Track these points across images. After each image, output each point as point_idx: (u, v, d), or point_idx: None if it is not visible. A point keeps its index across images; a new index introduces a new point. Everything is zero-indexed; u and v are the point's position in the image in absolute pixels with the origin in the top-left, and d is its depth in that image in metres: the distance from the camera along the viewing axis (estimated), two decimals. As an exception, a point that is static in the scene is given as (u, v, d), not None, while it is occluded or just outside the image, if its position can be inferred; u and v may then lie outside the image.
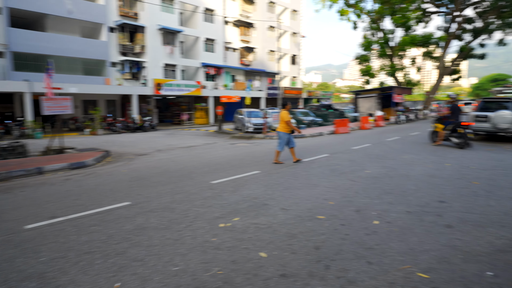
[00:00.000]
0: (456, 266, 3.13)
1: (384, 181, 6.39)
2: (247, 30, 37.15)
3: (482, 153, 9.76)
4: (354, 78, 47.34)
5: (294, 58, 44.46)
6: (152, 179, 7.20)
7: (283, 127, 8.52)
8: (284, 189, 5.98)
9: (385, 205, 4.94)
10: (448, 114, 11.32)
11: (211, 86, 32.29)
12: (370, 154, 9.79)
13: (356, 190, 5.78)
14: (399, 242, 3.65)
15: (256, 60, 38.37)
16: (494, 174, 6.88)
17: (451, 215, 4.46)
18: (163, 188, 6.27)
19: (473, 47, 31.98)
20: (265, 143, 14.13)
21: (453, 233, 3.90)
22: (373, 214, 4.56)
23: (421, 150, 10.56)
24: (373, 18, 31.51)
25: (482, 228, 4.04)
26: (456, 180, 6.36)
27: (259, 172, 7.50)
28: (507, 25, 28.97)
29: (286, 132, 8.50)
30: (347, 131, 18.20)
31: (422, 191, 5.67)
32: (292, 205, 5.02)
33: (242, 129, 20.74)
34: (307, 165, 8.29)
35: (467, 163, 8.16)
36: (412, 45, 29.54)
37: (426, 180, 6.46)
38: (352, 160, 8.89)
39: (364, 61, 31.84)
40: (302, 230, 4.06)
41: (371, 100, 26.62)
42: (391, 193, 5.58)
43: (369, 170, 7.45)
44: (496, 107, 12.56)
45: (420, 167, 7.75)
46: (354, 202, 5.12)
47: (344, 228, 4.07)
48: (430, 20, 33.67)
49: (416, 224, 4.17)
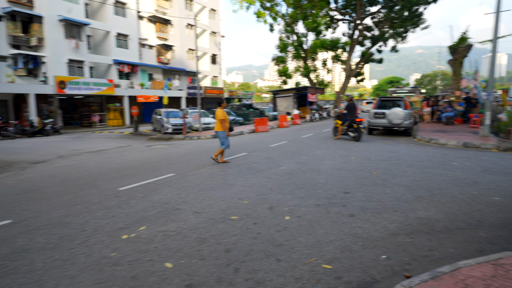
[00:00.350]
0: (356, 253, 3.32)
1: (297, 177, 6.63)
2: (164, 27, 35.60)
3: (381, 146, 10.96)
4: (274, 78, 49.37)
5: (214, 58, 44.24)
6: (47, 190, 6.22)
7: (220, 126, 8.27)
8: (198, 191, 5.74)
9: (297, 200, 5.09)
10: (345, 111, 12.82)
11: (125, 85, 30.03)
12: (286, 151, 10.16)
13: (270, 187, 5.85)
14: (307, 236, 3.74)
15: (175, 59, 37.08)
16: (389, 164, 7.73)
17: (354, 205, 4.79)
18: (58, 200, 5.44)
19: (373, 52, 36.11)
20: (184, 144, 13.62)
21: (355, 221, 4.17)
22: (285, 210, 4.64)
23: (331, 145, 11.38)
24: (287, 22, 33.16)
25: (379, 214, 4.41)
26: (359, 172, 6.95)
27: (173, 175, 7.10)
28: (398, 34, 33.42)
29: (224, 130, 8.28)
30: (266, 130, 18.73)
31: (330, 184, 6.02)
32: (205, 208, 4.81)
33: (161, 130, 19.75)
34: (225, 165, 8.17)
35: (368, 155, 9.04)
36: (322, 49, 31.96)
37: (334, 173, 6.90)
38: (269, 157, 9.08)
39: (280, 62, 33.30)
40: (214, 233, 3.88)
41: (289, 99, 27.96)
42: (303, 187, 5.79)
43: (284, 167, 7.67)
44: (391, 105, 14.29)
45: (330, 161, 8.30)
46: (268, 199, 5.16)
47: (256, 227, 4.03)
48: (337, 26, 36.91)
49: (323, 216, 4.35)
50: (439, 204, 4.78)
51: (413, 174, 6.64)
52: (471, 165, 7.40)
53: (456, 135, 12.36)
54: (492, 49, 11.94)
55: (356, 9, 32.17)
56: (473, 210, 4.50)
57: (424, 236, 3.71)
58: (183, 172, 7.37)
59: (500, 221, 4.11)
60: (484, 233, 3.74)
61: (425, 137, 12.13)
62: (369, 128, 14.46)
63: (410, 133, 13.70)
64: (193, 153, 10.52)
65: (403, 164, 7.71)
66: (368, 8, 33.70)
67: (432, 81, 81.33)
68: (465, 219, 4.18)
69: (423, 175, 6.54)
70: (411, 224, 4.06)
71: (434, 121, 19.13)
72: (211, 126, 20.69)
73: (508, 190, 5.37)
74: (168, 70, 36.23)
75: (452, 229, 3.89)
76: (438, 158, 8.41)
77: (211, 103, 42.59)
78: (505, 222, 4.05)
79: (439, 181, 6.05)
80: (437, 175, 6.48)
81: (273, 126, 20.91)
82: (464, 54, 20.15)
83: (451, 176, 6.41)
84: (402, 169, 7.16)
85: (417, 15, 31.50)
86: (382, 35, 33.53)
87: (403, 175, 6.54)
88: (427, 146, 10.66)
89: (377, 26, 34.63)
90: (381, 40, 34.07)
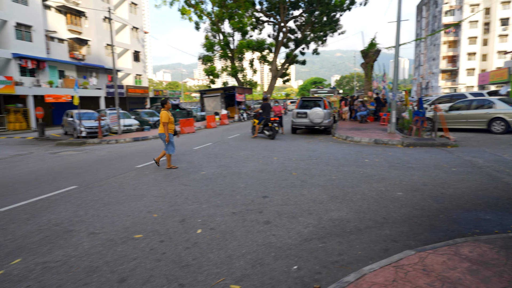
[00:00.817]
0: (268, 266, 3.12)
1: (216, 182, 6.31)
2: (77, 19, 32.14)
3: (303, 145, 11.28)
4: (203, 78, 48.66)
5: (137, 55, 41.56)
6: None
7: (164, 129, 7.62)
8: (101, 206, 5.02)
9: (212, 208, 4.76)
10: (261, 111, 13.39)
11: (30, 83, 26.29)
12: (210, 154, 9.78)
13: (186, 196, 5.42)
14: (219, 251, 3.44)
15: (92, 55, 33.78)
16: (309, 164, 7.91)
17: (270, 210, 4.65)
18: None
19: (297, 54, 37.78)
20: (98, 149, 12.28)
21: (270, 229, 4.00)
22: (198, 221, 4.27)
23: (256, 146, 11.35)
24: (213, 20, 32.70)
25: (294, 218, 4.33)
26: (280, 173, 6.93)
27: (75, 188, 6.18)
28: (318, 38, 35.52)
29: (170, 133, 7.72)
30: (193, 131, 18.08)
31: (249, 188, 5.84)
32: (106, 226, 4.18)
33: (74, 133, 17.68)
34: (139, 172, 7.45)
35: (291, 155, 9.17)
36: (248, 49, 32.28)
37: (255, 176, 6.76)
38: (190, 161, 8.60)
39: (207, 61, 32.72)
40: (110, 258, 3.33)
41: (216, 99, 27.57)
42: (221, 194, 5.49)
43: (205, 171, 7.29)
44: (312, 105, 14.92)
45: (253, 163, 8.17)
46: (181, 210, 4.73)
47: (162, 246, 3.58)
48: (263, 27, 37.73)
49: (238, 226, 4.10)
50: (351, 203, 4.92)
51: (330, 173, 6.85)
52: (380, 161, 7.97)
53: (368, 133, 13.41)
54: (395, 54, 13.22)
55: (280, 12, 33.24)
56: (380, 207, 4.72)
57: (335, 239, 3.69)
58: (88, 184, 6.48)
59: (402, 216, 4.35)
60: (388, 231, 3.89)
61: (342, 135, 12.90)
62: (292, 127, 14.89)
63: (329, 131, 14.47)
64: (105, 160, 9.46)
65: (321, 163, 7.95)
66: (291, 11, 35.11)
67: (350, 82, 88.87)
68: (372, 217, 4.32)
69: (338, 173, 6.79)
70: (324, 226, 4.05)
71: (351, 120, 20.68)
72: (133, 128, 19.24)
73: (409, 185, 5.82)
74: (83, 67, 32.84)
75: (361, 228, 3.98)
76: (352, 155, 8.91)
77: (135, 103, 39.91)
78: (406, 217, 4.30)
79: (352, 179, 6.32)
80: (351, 173, 6.78)
81: (200, 127, 20.33)
82: (374, 58, 22.18)
83: (363, 173, 6.77)
84: (320, 168, 7.35)
85: (334, 21, 33.86)
86: (304, 38, 35.24)
87: (321, 175, 6.70)
88: (343, 144, 11.31)
89: (299, 29, 36.30)
90: (303, 43, 35.79)
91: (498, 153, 8.54)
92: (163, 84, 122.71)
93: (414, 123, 12.21)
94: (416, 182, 5.95)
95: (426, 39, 70.13)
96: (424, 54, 72.08)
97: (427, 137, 11.70)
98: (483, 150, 9.09)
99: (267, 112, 13.25)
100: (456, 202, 4.83)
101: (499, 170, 6.68)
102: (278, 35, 35.80)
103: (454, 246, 3.09)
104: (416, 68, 78.91)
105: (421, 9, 73.84)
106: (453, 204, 4.73)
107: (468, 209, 4.51)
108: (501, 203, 4.72)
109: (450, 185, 5.69)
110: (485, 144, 10.11)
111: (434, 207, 4.66)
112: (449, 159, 8.01)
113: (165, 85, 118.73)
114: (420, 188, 5.56)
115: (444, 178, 6.17)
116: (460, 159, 8.03)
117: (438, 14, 61.84)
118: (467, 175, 6.36)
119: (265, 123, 13.11)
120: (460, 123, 13.36)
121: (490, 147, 9.61)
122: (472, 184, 5.71)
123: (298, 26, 36.36)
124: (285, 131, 15.91)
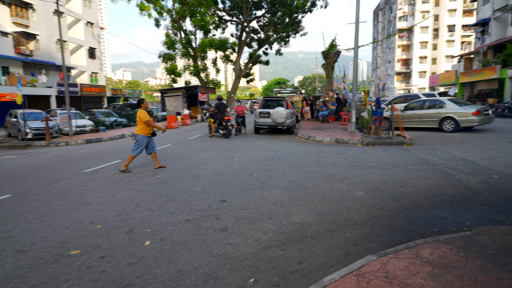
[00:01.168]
0: (222, 281, 2.82)
1: (172, 186, 5.88)
2: (24, 11, 29.62)
3: (265, 145, 11.11)
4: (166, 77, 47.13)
5: (93, 52, 39.28)
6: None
7: (142, 129, 7.30)
8: (36, 217, 4.42)
9: (165, 216, 4.36)
10: (216, 110, 13.63)
11: (-34, 80, 23.72)
12: (168, 156, 9.27)
13: (137, 203, 4.96)
14: (167, 266, 3.08)
15: (41, 50, 31.31)
16: (271, 164, 7.71)
17: (228, 216, 4.35)
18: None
19: (260, 54, 37.77)
20: (44, 152, 11.21)
21: (227, 237, 3.70)
22: (147, 232, 3.86)
23: (217, 146, 10.98)
24: (174, 18, 31.68)
25: (254, 224, 4.07)
26: (240, 175, 6.65)
27: (7, 197, 5.44)
28: (281, 38, 35.78)
29: (145, 134, 7.32)
30: (152, 132, 17.24)
31: (207, 191, 5.49)
32: (37, 242, 3.64)
33: (18, 135, 16.16)
34: (88, 177, 6.81)
35: (252, 156, 8.93)
36: (211, 48, 31.64)
37: (214, 178, 6.42)
38: (145, 164, 8.05)
39: (168, 59, 31.61)
40: (36, 282, 2.84)
41: (178, 98, 26.73)
42: (176, 199, 5.10)
43: (160, 175, 6.82)
44: (275, 104, 14.82)
45: (212, 165, 7.82)
46: (130, 219, 4.28)
47: (102, 263, 3.14)
48: (226, 27, 37.28)
49: (192, 235, 3.76)
50: (312, 204, 4.76)
51: (291, 173, 6.69)
52: (341, 161, 7.98)
53: (330, 132, 13.57)
54: (354, 55, 13.50)
55: (243, 12, 33.01)
56: (341, 208, 4.60)
57: (296, 245, 3.48)
58: (24, 192, 5.76)
59: (363, 217, 4.26)
60: (350, 233, 3.75)
61: (304, 134, 12.92)
62: (255, 127, 14.71)
63: (292, 131, 14.46)
64: (50, 164, 8.60)
65: (283, 163, 7.79)
66: (254, 11, 35.02)
67: (312, 83, 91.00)
68: (334, 219, 4.18)
69: (300, 174, 6.65)
70: (285, 232, 3.83)
71: (313, 119, 20.96)
72: (86, 129, 17.98)
73: (369, 184, 5.80)
74: (31, 63, 30.33)
75: (322, 232, 3.81)
76: (314, 155, 8.86)
77: (91, 102, 37.69)
78: (367, 218, 4.20)
79: (314, 179, 6.20)
80: (312, 173, 6.67)
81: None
82: (335, 59, 22.68)
83: (324, 173, 6.69)
84: (282, 169, 7.18)
85: (296, 22, 34.28)
86: (267, 38, 35.32)
87: (282, 176, 6.51)
88: (306, 144, 11.30)
89: (262, 30, 36.34)
90: (266, 43, 35.86)
91: (449, 151, 8.93)
92: (123, 83, 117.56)
93: (373, 122, 12.53)
94: (376, 181, 5.95)
95: (382, 43, 73.72)
96: (380, 57, 75.72)
97: (385, 136, 12.05)
98: (436, 148, 9.46)
99: (222, 111, 13.50)
100: (414, 200, 4.85)
101: (451, 167, 6.92)
102: (241, 34, 35.56)
103: (415, 249, 2.99)
104: (374, 70, 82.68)
105: (378, 14, 77.50)
106: (411, 203, 4.74)
107: (426, 208, 4.53)
108: (455, 200, 4.80)
109: (408, 184, 5.76)
110: (438, 142, 10.57)
111: (393, 206, 4.63)
112: (406, 157, 8.22)
113: (125, 84, 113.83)
114: (380, 187, 5.56)
115: (402, 177, 6.25)
116: (415, 157, 8.26)
117: (393, 19, 65.22)
118: (423, 173, 6.50)
119: (220, 122, 13.43)
120: (414, 122, 13.95)
121: (442, 145, 10.06)
122: (428, 182, 5.82)
123: (261, 27, 36.40)
124: (248, 131, 15.69)
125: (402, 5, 62.28)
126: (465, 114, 12.47)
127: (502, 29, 28.13)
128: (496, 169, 6.66)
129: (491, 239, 3.17)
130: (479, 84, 28.67)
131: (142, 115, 7.27)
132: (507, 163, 7.11)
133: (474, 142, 10.18)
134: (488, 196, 4.94)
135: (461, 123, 12.55)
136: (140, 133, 7.33)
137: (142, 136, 7.34)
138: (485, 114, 12.49)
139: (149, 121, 7.29)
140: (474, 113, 12.24)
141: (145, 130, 7.36)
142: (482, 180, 5.86)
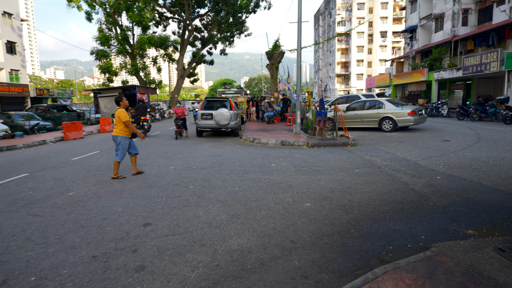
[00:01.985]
0: None
1: (85, 206, 4.78)
2: None
3: (207, 149, 10.24)
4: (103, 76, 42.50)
5: (12, 46, 34.55)
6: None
7: (122, 130, 6.54)
8: None
9: (63, 253, 3.32)
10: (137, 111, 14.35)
11: None
12: (91, 166, 7.94)
13: (29, 235, 3.81)
14: None
15: None
16: (210, 172, 6.90)
17: (149, 246, 3.46)
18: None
19: (204, 54, 36.57)
20: None
21: (142, 280, 2.82)
22: (31, 280, 2.81)
23: (153, 152, 9.85)
24: (108, 12, 29.14)
25: (181, 256, 3.24)
26: (173, 187, 5.74)
27: None
28: (225, 38, 35.01)
29: (126, 136, 6.58)
30: (81, 136, 15.33)
31: (129, 212, 4.51)
32: None
33: None
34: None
35: (191, 162, 8.03)
36: (150, 45, 29.68)
37: (141, 193, 5.42)
38: (59, 178, 6.70)
39: (102, 57, 28.95)
40: None
41: (114, 99, 24.51)
42: (85, 226, 4.04)
43: (74, 191, 5.61)
44: (218, 105, 14.00)
45: (142, 175, 6.76)
46: (10, 262, 3.15)
47: None
48: (168, 24, 35.43)
49: (94, 281, 2.81)
50: (254, 222, 4.07)
51: (233, 183, 5.96)
52: (287, 165, 7.47)
53: (275, 134, 13.15)
54: (297, 55, 13.26)
55: (185, 9, 31.60)
56: (287, 225, 3.98)
57: (232, 284, 2.74)
58: None
59: (312, 236, 3.68)
60: (297, 261, 3.12)
61: (249, 137, 12.31)
62: (197, 130, 13.76)
63: (237, 133, 13.78)
64: None
65: (224, 170, 7.03)
66: (197, 9, 33.77)
67: (258, 84, 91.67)
68: (279, 242, 3.53)
69: (242, 183, 5.95)
70: (219, 264, 3.07)
71: (259, 120, 20.56)
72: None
73: (317, 192, 5.31)
74: None
75: (265, 261, 3.12)
76: (259, 160, 8.25)
77: (11, 103, 33.07)
78: (316, 237, 3.63)
79: (257, 189, 5.54)
80: (256, 182, 6.01)
81: (93, 132, 17.51)
82: (279, 59, 22.56)
83: (269, 181, 6.07)
84: (222, 177, 6.41)
85: (240, 22, 33.80)
86: (211, 38, 34.30)
87: (222, 186, 5.75)
88: (251, 147, 10.68)
89: (206, 29, 35.25)
90: (210, 43, 34.83)
91: (391, 151, 8.96)
92: (54, 82, 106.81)
93: (317, 123, 12.37)
94: (323, 189, 5.48)
95: (323, 46, 76.94)
96: (322, 60, 78.97)
97: (329, 136, 11.95)
98: (378, 149, 9.47)
99: (141, 112, 14.32)
100: (364, 210, 4.43)
101: (395, 169, 6.78)
102: (184, 33, 34.08)
103: (375, 283, 2.43)
104: (316, 72, 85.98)
105: (318, 18, 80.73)
106: (362, 214, 4.30)
107: (377, 219, 4.11)
108: (405, 208, 4.48)
109: (356, 190, 5.37)
110: (379, 142, 10.68)
111: (344, 219, 4.14)
112: (351, 159, 8.00)
113: (56, 83, 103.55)
114: (328, 196, 5.08)
115: (349, 182, 5.88)
116: (360, 158, 8.09)
117: (332, 24, 68.32)
118: (370, 177, 6.23)
119: (137, 122, 14.02)
120: (356, 123, 14.17)
121: (383, 145, 10.15)
122: (376, 187, 5.50)
123: (205, 25, 35.29)
124: (190, 134, 14.66)
125: (340, 10, 65.53)
126: (402, 114, 12.92)
127: (428, 35, 30.69)
128: (437, 169, 6.65)
129: (454, 260, 2.76)
130: (409, 86, 30.91)
131: (121, 114, 6.40)
132: (445, 163, 7.20)
133: (412, 142, 10.45)
134: (436, 201, 4.72)
135: (399, 123, 12.98)
136: (120, 134, 6.49)
137: (123, 137, 6.50)
138: (419, 114, 13.08)
139: (128, 122, 6.42)
140: (410, 113, 12.73)
141: (125, 131, 6.52)
142: (427, 182, 5.72)
